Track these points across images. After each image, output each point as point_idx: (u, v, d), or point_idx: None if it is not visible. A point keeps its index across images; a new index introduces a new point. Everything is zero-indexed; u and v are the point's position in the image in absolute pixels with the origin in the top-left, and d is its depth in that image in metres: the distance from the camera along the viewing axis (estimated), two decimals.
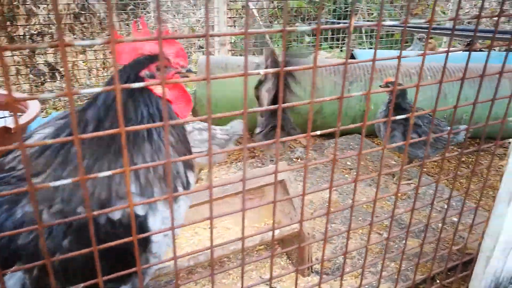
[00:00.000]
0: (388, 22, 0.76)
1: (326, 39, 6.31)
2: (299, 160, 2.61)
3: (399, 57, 0.77)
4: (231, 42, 4.27)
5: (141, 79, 0.96)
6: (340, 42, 6.01)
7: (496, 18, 0.88)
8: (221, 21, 4.03)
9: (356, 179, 0.90)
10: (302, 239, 1.49)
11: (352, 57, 3.72)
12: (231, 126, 2.23)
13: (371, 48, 5.95)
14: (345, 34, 5.85)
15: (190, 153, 1.11)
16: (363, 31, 6.17)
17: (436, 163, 2.63)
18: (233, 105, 2.72)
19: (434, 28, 4.31)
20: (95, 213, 0.70)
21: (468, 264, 1.38)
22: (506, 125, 1.06)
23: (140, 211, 0.99)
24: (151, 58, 0.99)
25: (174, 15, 6.73)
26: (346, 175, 2.41)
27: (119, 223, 0.96)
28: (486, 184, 1.15)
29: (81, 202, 0.90)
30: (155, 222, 1.02)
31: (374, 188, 2.21)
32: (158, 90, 0.99)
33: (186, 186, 1.05)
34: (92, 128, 0.91)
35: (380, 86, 2.32)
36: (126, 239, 0.75)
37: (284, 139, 0.77)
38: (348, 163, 2.59)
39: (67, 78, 0.52)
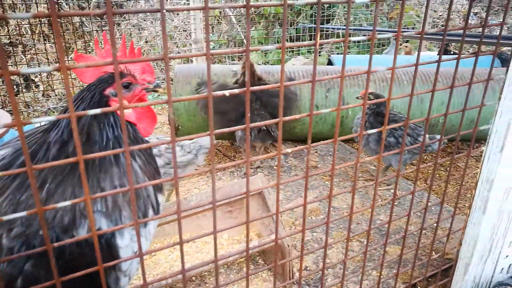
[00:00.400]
0: (358, 38, 0.75)
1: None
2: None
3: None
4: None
5: (106, 98, 0.92)
6: (320, 47, 6.05)
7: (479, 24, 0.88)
8: (198, 28, 4.00)
9: (330, 195, 0.88)
10: (282, 252, 1.46)
11: (329, 62, 3.73)
12: (195, 141, 2.08)
13: (349, 52, 6.00)
14: (324, 38, 5.89)
15: (159, 174, 1.08)
16: (341, 36, 6.22)
17: (415, 167, 2.65)
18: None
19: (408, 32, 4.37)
20: (55, 244, 0.66)
21: (449, 270, 1.38)
22: (481, 131, 1.06)
23: (107, 229, 0.95)
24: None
25: (152, 22, 6.66)
26: (327, 182, 2.41)
27: (85, 243, 0.92)
28: (461, 191, 1.15)
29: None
30: (123, 240, 0.99)
31: (356, 195, 2.22)
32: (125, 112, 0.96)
33: (156, 208, 1.02)
34: (54, 150, 0.87)
35: (356, 97, 2.33)
36: (90, 269, 0.72)
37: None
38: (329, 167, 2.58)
39: (14, 109, 0.48)
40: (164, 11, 0.56)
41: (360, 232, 1.21)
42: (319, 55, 5.97)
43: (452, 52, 5.29)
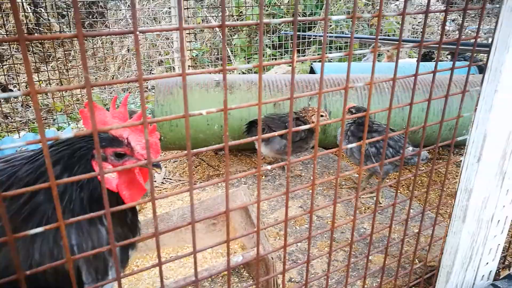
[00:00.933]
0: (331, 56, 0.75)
1: (287, 52, 6.38)
2: (263, 177, 2.58)
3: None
4: (191, 58, 4.23)
5: (91, 157, 0.90)
6: (301, 54, 6.09)
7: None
8: (179, 37, 3.98)
9: (311, 211, 0.88)
10: (266, 265, 1.46)
11: (311, 70, 3.76)
12: None
13: (331, 60, 6.06)
14: (308, 46, 5.94)
15: (133, 231, 1.04)
16: (329, 42, 6.29)
17: (396, 178, 2.68)
18: (194, 125, 2.68)
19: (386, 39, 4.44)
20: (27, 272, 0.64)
21: (432, 278, 1.39)
22: (460, 133, 1.07)
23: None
24: (111, 142, 0.92)
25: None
26: (311, 190, 2.41)
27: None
28: (441, 199, 1.16)
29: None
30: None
31: (339, 204, 2.22)
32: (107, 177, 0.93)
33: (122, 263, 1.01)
34: (15, 188, 0.84)
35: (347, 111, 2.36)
36: None
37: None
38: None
39: None
40: (138, 32, 0.56)
41: (343, 245, 1.20)
42: (301, 63, 6.01)
43: (433, 58, 5.38)
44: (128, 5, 7.15)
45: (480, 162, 1.10)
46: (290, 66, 4.23)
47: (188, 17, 4.13)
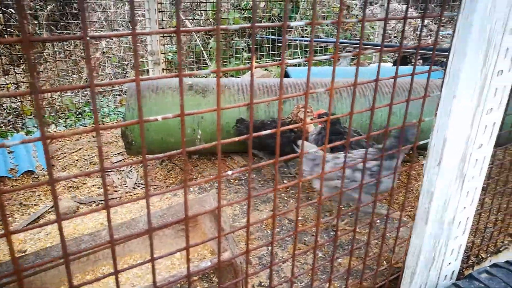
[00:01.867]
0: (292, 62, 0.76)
1: (263, 55, 6.41)
2: (236, 181, 2.58)
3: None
4: (165, 61, 4.19)
5: None
6: (276, 58, 6.13)
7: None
8: (154, 39, 3.95)
9: (274, 216, 0.88)
10: (234, 270, 1.45)
11: (286, 74, 3.79)
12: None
13: (306, 63, 6.12)
14: (284, 50, 5.97)
15: None
16: (298, 46, 6.35)
17: None
18: (165, 129, 2.65)
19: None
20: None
21: (398, 279, 1.42)
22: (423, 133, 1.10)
23: None
24: None
25: (110, 32, 6.50)
26: (283, 194, 2.42)
27: None
28: (405, 202, 1.19)
29: None
30: None
31: (310, 206, 2.24)
32: None
33: None
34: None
35: (311, 119, 2.38)
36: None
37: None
38: (285, 181, 2.60)
39: None
40: (88, 38, 0.55)
41: (308, 248, 1.21)
42: (277, 67, 6.04)
43: (410, 62, 5.49)
44: (103, 7, 7.04)
45: (441, 166, 1.13)
46: (266, 70, 4.25)
47: (163, 20, 4.09)
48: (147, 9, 3.93)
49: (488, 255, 1.84)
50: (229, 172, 0.80)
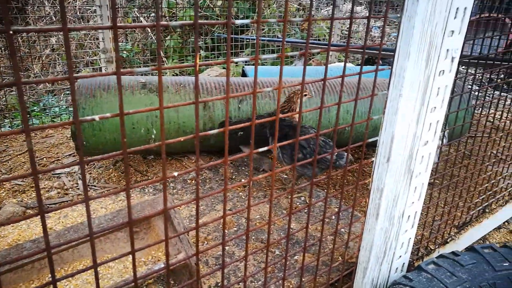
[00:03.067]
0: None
1: (221, 54, 6.38)
2: (193, 181, 2.54)
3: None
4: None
5: None
6: (235, 56, 6.11)
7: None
8: (106, 37, 3.81)
9: (224, 216, 0.87)
10: (190, 271, 1.42)
11: (243, 73, 3.78)
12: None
13: (265, 63, 6.16)
14: (241, 50, 5.97)
15: None
16: (260, 46, 6.36)
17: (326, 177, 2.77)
18: (118, 129, 2.56)
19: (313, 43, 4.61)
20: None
21: (352, 274, 1.45)
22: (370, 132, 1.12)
23: None
24: None
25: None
26: (241, 193, 2.41)
27: None
28: (356, 199, 1.21)
29: None
30: None
31: (267, 204, 2.25)
32: None
33: None
34: None
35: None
36: None
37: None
38: (243, 179, 2.60)
39: None
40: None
41: (261, 247, 1.21)
42: (236, 65, 6.03)
43: (374, 63, 5.63)
44: (52, 2, 6.72)
45: (390, 162, 1.16)
46: (224, 68, 4.25)
47: (118, 17, 3.95)
48: (99, 5, 3.79)
49: (436, 247, 1.92)
50: (175, 173, 0.77)
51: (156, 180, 0.71)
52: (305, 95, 2.60)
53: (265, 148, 0.91)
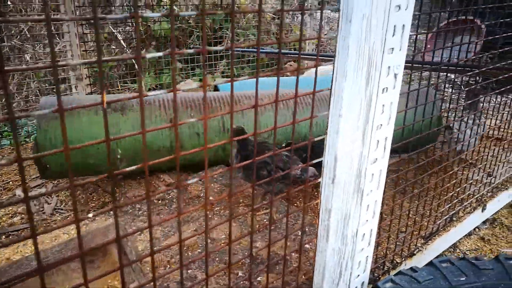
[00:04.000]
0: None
1: (198, 66, 6.35)
2: (160, 201, 2.49)
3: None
4: (89, 76, 3.99)
5: None
6: (214, 68, 6.09)
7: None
8: (75, 54, 3.76)
9: (180, 241, 0.83)
10: None
11: (216, 88, 3.76)
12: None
13: (242, 73, 6.14)
14: (218, 61, 5.95)
15: None
16: (240, 57, 6.34)
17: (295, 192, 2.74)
18: (83, 150, 2.51)
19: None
20: None
21: None
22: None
23: None
24: None
25: (34, 45, 6.11)
26: (207, 212, 2.37)
27: None
28: (304, 218, 1.18)
29: None
30: None
31: (233, 223, 2.21)
32: None
33: None
34: None
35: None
36: None
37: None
38: (211, 197, 2.55)
39: None
40: None
41: (222, 268, 1.17)
42: (213, 76, 6.01)
43: None
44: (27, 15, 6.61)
45: (335, 183, 1.14)
46: (200, 81, 4.22)
47: (84, 33, 3.90)
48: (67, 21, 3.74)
49: (403, 259, 1.90)
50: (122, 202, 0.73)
51: (107, 209, 0.67)
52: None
53: (226, 169, 0.88)
